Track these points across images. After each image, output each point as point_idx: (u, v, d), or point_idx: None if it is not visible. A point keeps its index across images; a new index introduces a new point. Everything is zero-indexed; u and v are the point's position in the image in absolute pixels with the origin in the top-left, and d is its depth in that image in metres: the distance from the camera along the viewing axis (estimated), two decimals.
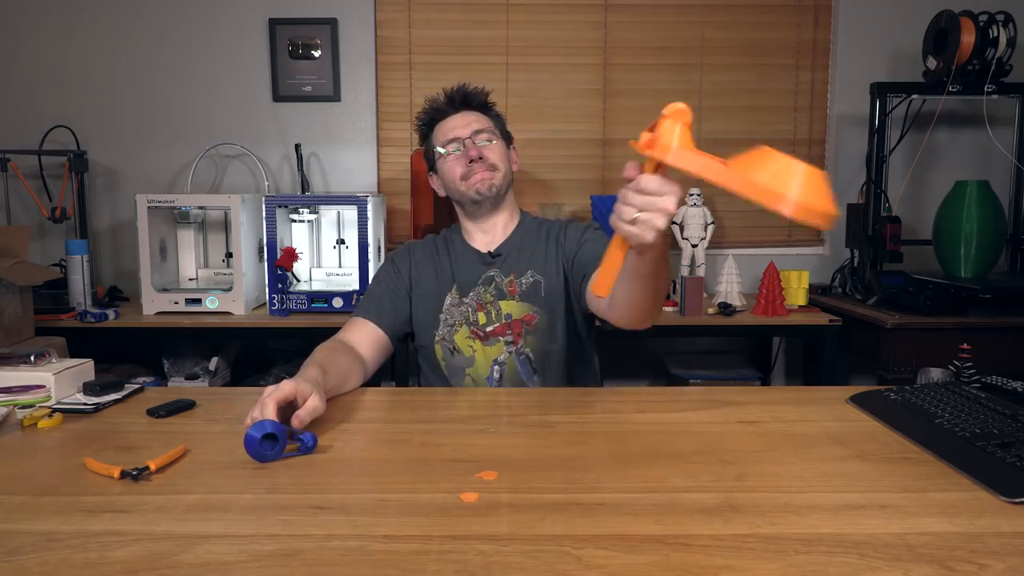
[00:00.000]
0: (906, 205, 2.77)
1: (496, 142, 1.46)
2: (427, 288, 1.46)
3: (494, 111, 1.52)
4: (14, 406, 1.09)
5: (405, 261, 1.50)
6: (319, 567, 0.66)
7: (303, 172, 2.67)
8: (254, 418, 0.95)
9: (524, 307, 1.41)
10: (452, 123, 1.46)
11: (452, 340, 1.42)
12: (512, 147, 1.53)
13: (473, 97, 1.48)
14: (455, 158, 1.44)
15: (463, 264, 1.47)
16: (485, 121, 1.47)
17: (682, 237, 2.64)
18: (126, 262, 2.78)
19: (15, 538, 0.71)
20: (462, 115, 1.46)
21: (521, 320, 1.40)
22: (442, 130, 1.47)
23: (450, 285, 1.45)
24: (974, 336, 2.16)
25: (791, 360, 2.92)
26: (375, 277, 1.52)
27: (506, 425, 1.07)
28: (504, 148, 1.48)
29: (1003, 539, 0.71)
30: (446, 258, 1.49)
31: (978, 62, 2.34)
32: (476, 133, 1.44)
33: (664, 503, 0.79)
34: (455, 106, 1.47)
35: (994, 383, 1.19)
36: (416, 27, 2.76)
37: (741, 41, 2.80)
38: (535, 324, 1.40)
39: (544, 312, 1.41)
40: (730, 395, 1.23)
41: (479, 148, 1.43)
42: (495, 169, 1.43)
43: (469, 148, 1.43)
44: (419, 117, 1.53)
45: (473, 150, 1.42)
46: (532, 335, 1.40)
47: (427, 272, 1.48)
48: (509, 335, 1.40)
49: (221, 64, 2.74)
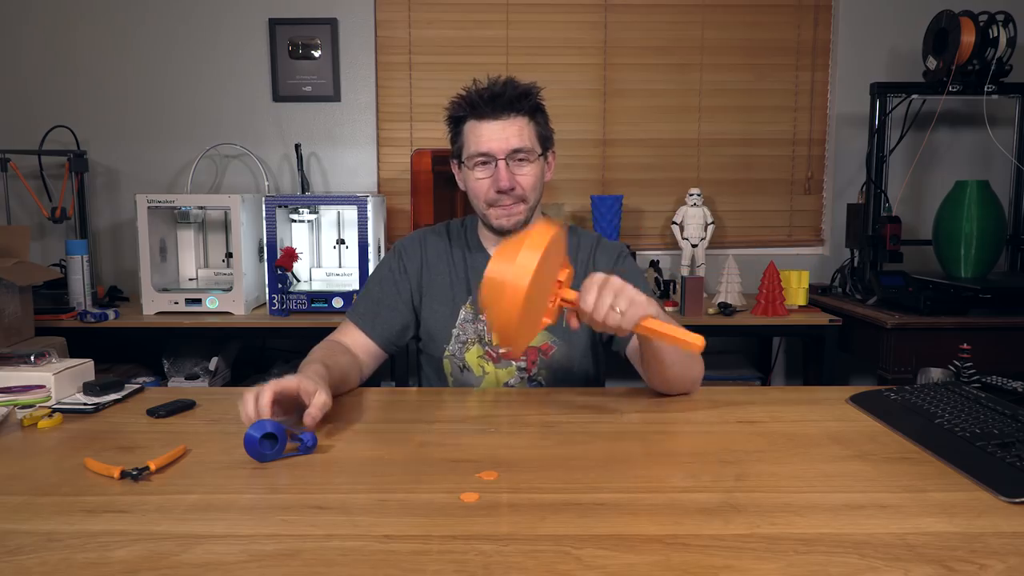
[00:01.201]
0: (906, 205, 2.77)
1: (532, 163, 1.28)
2: (439, 295, 1.37)
3: (540, 113, 1.32)
4: (14, 406, 1.09)
5: (415, 259, 1.39)
6: (319, 567, 0.66)
7: (303, 172, 2.67)
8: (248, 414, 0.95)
9: (543, 335, 1.34)
10: (488, 131, 1.26)
11: (463, 358, 1.35)
12: (551, 151, 1.35)
13: (518, 102, 1.27)
14: (483, 178, 1.28)
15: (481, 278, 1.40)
16: (526, 132, 1.28)
17: (682, 237, 2.64)
18: (126, 262, 2.78)
19: (15, 538, 0.71)
20: (502, 123, 1.26)
21: (538, 348, 1.34)
22: (475, 133, 1.28)
23: (466, 297, 1.36)
24: (974, 336, 2.16)
25: (791, 360, 2.92)
26: (377, 272, 1.41)
27: (506, 425, 1.07)
28: (540, 168, 1.31)
29: (1003, 539, 0.71)
30: (463, 264, 1.38)
31: (978, 62, 2.34)
32: (512, 154, 1.26)
33: (664, 503, 0.79)
34: (495, 109, 1.26)
35: (994, 383, 1.19)
36: (416, 27, 2.76)
37: (741, 41, 2.80)
38: (552, 355, 1.34)
39: (563, 344, 1.34)
40: (730, 395, 1.23)
41: (511, 175, 1.27)
42: (524, 201, 1.29)
43: (500, 174, 1.26)
44: (452, 107, 1.31)
45: (504, 179, 1.25)
46: (547, 364, 1.35)
47: (440, 276, 1.38)
48: (523, 361, 1.34)
49: (221, 64, 2.74)
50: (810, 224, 2.91)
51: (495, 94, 1.26)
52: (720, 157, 2.85)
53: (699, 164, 2.85)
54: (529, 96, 1.28)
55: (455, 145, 1.34)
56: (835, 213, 2.83)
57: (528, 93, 1.28)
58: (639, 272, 1.37)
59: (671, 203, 2.83)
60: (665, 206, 2.85)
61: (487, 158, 1.27)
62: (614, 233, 2.59)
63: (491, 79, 1.29)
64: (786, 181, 2.88)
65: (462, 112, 1.29)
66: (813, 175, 2.88)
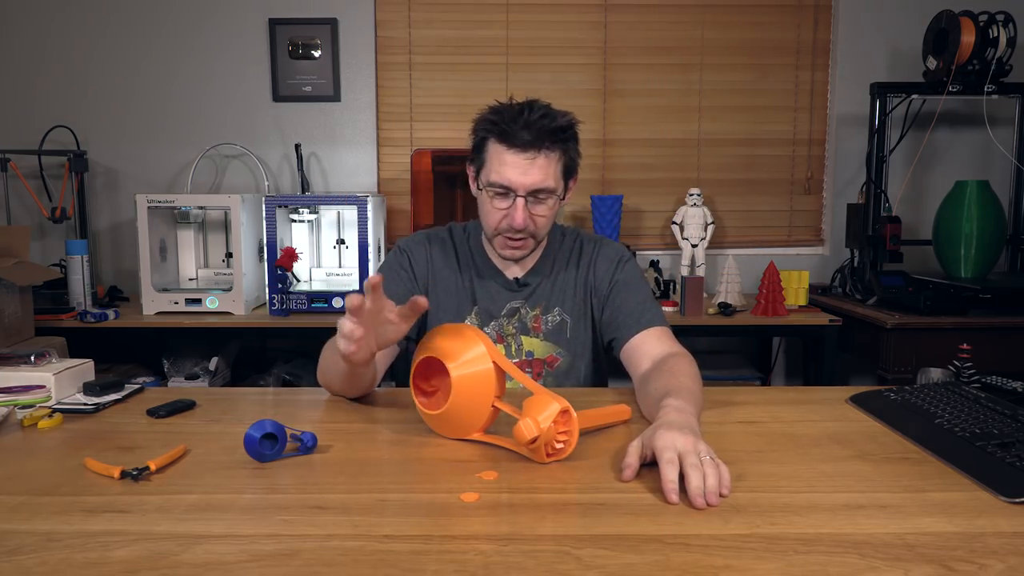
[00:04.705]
0: (906, 205, 2.77)
1: (551, 201, 1.24)
2: (444, 304, 1.34)
3: (573, 144, 1.26)
4: (14, 406, 1.09)
5: (422, 263, 1.35)
6: (319, 567, 0.65)
7: (303, 172, 2.67)
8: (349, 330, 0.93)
9: (548, 347, 1.34)
10: (512, 163, 1.19)
11: None
12: (572, 180, 1.30)
13: (551, 136, 1.19)
14: (499, 209, 1.23)
15: (487, 288, 1.35)
16: (551, 169, 1.21)
17: (682, 237, 2.64)
18: (126, 262, 2.78)
19: (15, 538, 0.71)
20: (529, 158, 1.19)
21: (543, 360, 1.33)
22: (499, 160, 1.21)
23: (470, 307, 1.34)
24: (974, 336, 2.16)
25: (791, 360, 2.92)
26: (387, 269, 1.35)
27: (506, 425, 1.07)
28: (558, 201, 1.26)
29: (1003, 539, 0.71)
30: (468, 272, 1.36)
31: (978, 62, 2.34)
32: (534, 192, 1.21)
33: (664, 503, 0.79)
34: (524, 142, 1.18)
35: (994, 383, 1.19)
36: (416, 27, 2.76)
37: (741, 41, 2.80)
38: (556, 366, 1.34)
39: (567, 355, 1.34)
40: (730, 395, 1.22)
41: (527, 215, 1.22)
42: (533, 236, 1.26)
43: (516, 213, 1.21)
44: (481, 121, 1.24)
45: (519, 220, 1.21)
46: (552, 376, 1.34)
47: (446, 282, 1.35)
48: (528, 372, 1.33)
49: (221, 64, 2.74)
50: (810, 224, 2.91)
51: (529, 125, 1.18)
52: (720, 157, 2.85)
53: (699, 164, 2.85)
54: (565, 131, 1.22)
55: (476, 156, 1.28)
56: (835, 213, 2.83)
57: (564, 128, 1.21)
58: (639, 276, 1.36)
59: (671, 203, 2.83)
60: (665, 206, 2.85)
61: (506, 191, 1.22)
62: (614, 233, 2.59)
63: (528, 102, 1.22)
64: (786, 181, 2.88)
65: (490, 131, 1.22)
66: (813, 175, 2.88)
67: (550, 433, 0.88)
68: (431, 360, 0.98)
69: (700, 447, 0.83)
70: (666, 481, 0.80)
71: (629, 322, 1.28)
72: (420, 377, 1.03)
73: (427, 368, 1.02)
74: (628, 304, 1.30)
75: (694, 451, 0.82)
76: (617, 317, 1.30)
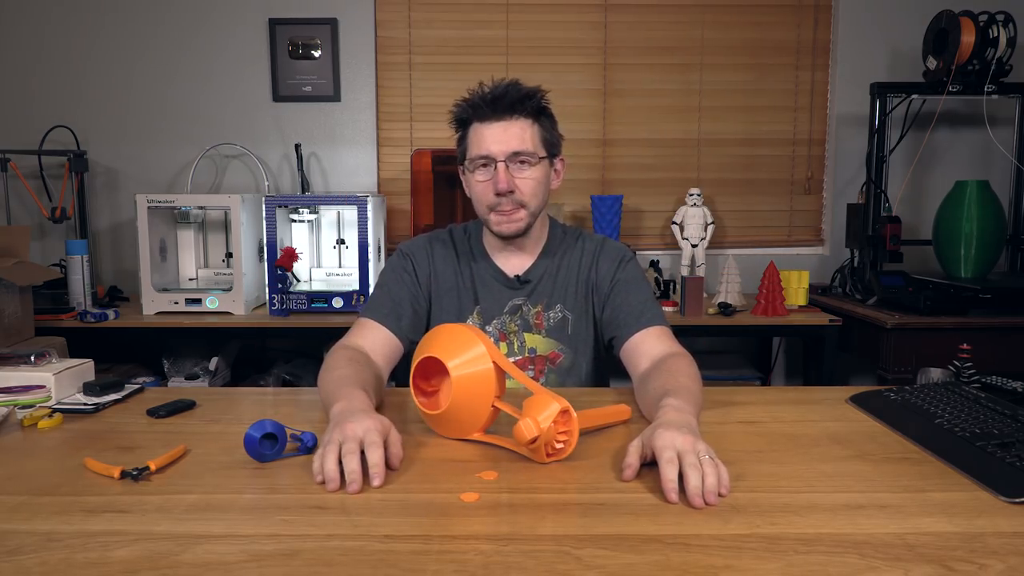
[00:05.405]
0: (906, 205, 2.77)
1: (535, 167, 1.26)
2: (447, 305, 1.36)
3: (545, 117, 1.30)
4: (14, 406, 1.09)
5: (424, 266, 1.36)
6: (319, 567, 0.66)
7: (303, 172, 2.67)
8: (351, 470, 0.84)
9: (550, 344, 1.34)
10: (489, 133, 1.24)
11: None
12: (559, 159, 1.34)
13: (520, 104, 1.24)
14: (483, 181, 1.26)
15: (488, 287, 1.36)
16: (529, 135, 1.25)
17: (682, 237, 2.64)
18: (126, 262, 2.78)
19: (15, 538, 0.71)
20: (503, 125, 1.24)
21: (545, 357, 1.34)
22: (477, 136, 1.26)
23: (472, 307, 1.35)
24: (974, 336, 2.16)
25: (791, 360, 2.92)
26: (389, 273, 1.36)
27: (506, 425, 1.07)
28: (543, 172, 1.28)
29: (1003, 539, 0.71)
30: (468, 272, 1.37)
31: (978, 62, 2.34)
32: (513, 156, 1.24)
33: (664, 503, 0.79)
34: (497, 111, 1.24)
35: (994, 383, 1.19)
36: (416, 27, 2.76)
37: (741, 41, 2.80)
38: (559, 363, 1.34)
39: (569, 351, 1.35)
40: (730, 395, 1.23)
41: (511, 178, 1.24)
42: (524, 206, 1.27)
43: (499, 176, 1.23)
44: (455, 110, 1.29)
45: (503, 181, 1.23)
46: (554, 372, 1.34)
47: (447, 284, 1.36)
48: (531, 369, 1.33)
49: (221, 64, 2.74)
50: (810, 224, 2.91)
51: (497, 96, 1.24)
52: (720, 157, 2.85)
53: (699, 164, 2.85)
54: (532, 98, 1.25)
55: (460, 149, 1.32)
56: (835, 213, 2.83)
57: (531, 95, 1.25)
58: (641, 275, 1.37)
59: (671, 203, 2.83)
60: (665, 206, 2.85)
61: (487, 160, 1.25)
62: (614, 233, 2.59)
63: (495, 81, 1.27)
64: (786, 181, 2.88)
65: (466, 115, 1.27)
66: (813, 175, 2.88)
67: (550, 433, 0.88)
68: (431, 360, 0.98)
69: (699, 447, 0.84)
70: (666, 480, 0.80)
71: (629, 321, 1.28)
72: (420, 377, 1.03)
73: (427, 368, 1.02)
74: (629, 303, 1.30)
75: (693, 451, 0.82)
76: (618, 316, 1.30)
